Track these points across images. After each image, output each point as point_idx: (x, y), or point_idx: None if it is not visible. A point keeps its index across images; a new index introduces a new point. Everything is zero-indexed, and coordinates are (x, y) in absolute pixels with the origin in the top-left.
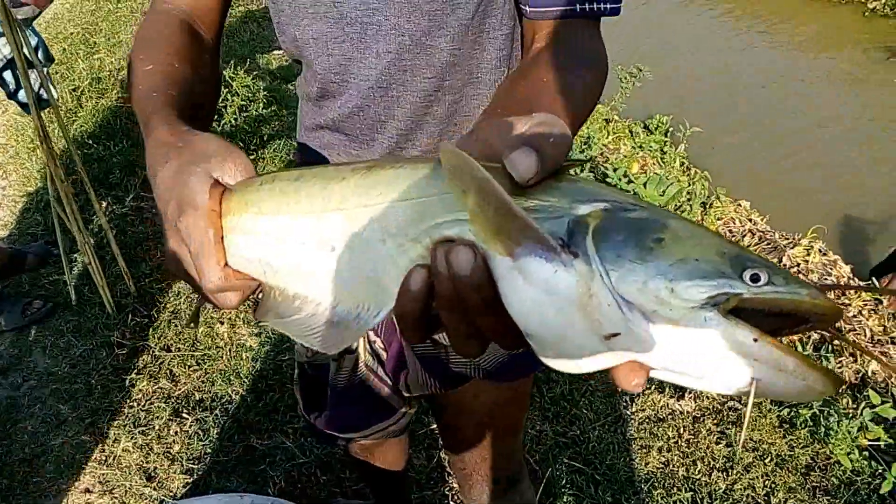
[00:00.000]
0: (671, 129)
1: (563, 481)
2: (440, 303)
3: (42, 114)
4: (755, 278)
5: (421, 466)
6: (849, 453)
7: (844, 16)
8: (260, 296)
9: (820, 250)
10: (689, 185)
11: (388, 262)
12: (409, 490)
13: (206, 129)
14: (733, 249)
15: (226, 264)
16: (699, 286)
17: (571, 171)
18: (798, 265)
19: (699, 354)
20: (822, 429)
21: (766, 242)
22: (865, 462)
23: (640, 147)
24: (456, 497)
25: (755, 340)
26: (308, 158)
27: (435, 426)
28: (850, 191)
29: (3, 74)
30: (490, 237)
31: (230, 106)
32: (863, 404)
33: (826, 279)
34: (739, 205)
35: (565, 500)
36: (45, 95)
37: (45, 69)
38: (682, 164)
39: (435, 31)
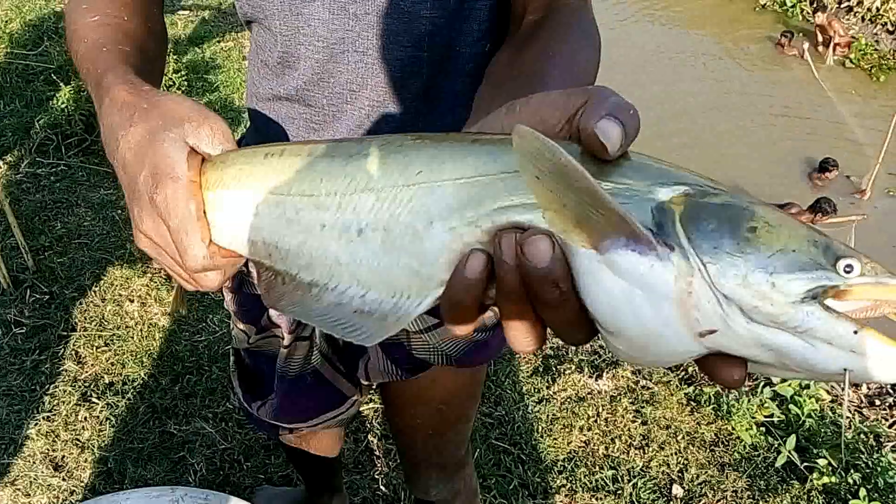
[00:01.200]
0: None
1: (491, 462)
2: (505, 295)
3: None
4: (849, 268)
5: (349, 451)
6: (748, 429)
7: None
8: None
9: None
10: None
11: (435, 248)
12: (340, 475)
13: (158, 87)
14: (822, 238)
15: (210, 241)
16: (799, 279)
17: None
18: None
19: (800, 349)
20: (725, 406)
21: None
22: (762, 437)
23: None
24: (385, 480)
25: (855, 333)
26: (265, 133)
27: (364, 409)
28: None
29: None
30: (570, 227)
31: None
32: (762, 382)
33: None
34: None
35: (494, 480)
36: None
37: None
38: None
39: None
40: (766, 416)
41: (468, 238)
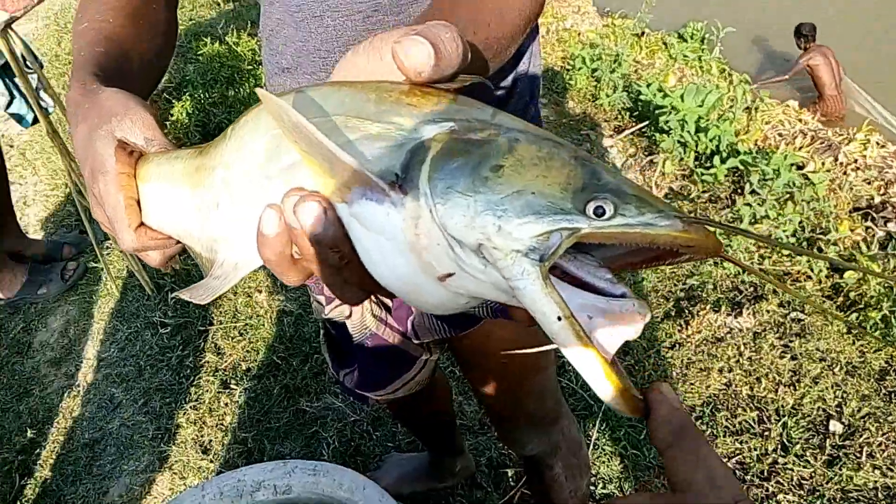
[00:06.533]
0: (707, 34)
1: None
2: (302, 257)
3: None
4: (600, 211)
5: (472, 413)
6: None
7: None
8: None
9: (878, 143)
10: (730, 90)
11: (254, 206)
12: (461, 437)
13: (142, 88)
14: (583, 178)
15: (140, 225)
16: (530, 224)
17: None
18: (856, 161)
19: (528, 304)
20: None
21: (819, 142)
22: None
23: (675, 59)
24: None
25: (559, 319)
26: None
27: None
28: None
29: None
30: (328, 184)
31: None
32: None
33: (887, 173)
34: (787, 105)
35: (623, 431)
36: (43, 99)
37: (35, 74)
38: (720, 70)
39: None
40: None
41: (273, 194)
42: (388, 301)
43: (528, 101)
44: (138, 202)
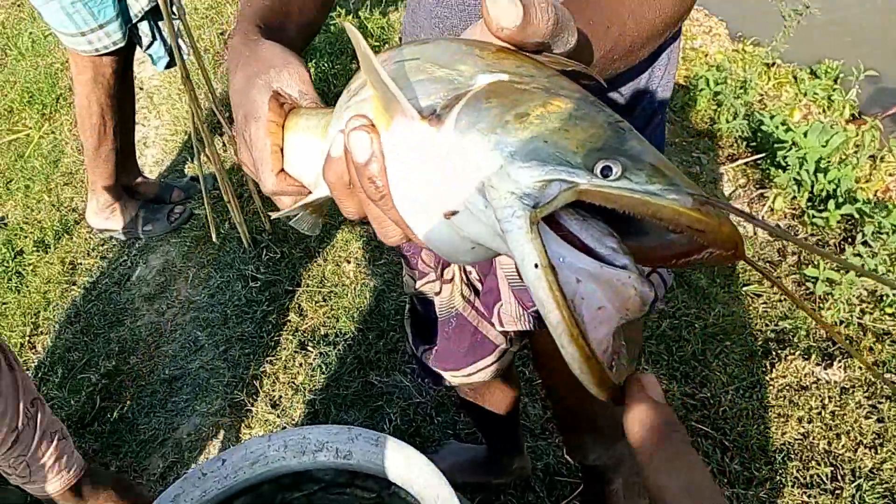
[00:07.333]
0: (842, 74)
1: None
2: (353, 184)
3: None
4: (606, 171)
5: (536, 416)
6: None
7: None
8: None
9: None
10: (857, 135)
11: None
12: (522, 438)
13: (299, 42)
14: (606, 140)
15: (281, 171)
16: (530, 169)
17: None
18: None
19: (507, 251)
20: None
21: None
22: None
23: (804, 94)
24: None
25: (535, 266)
26: None
27: None
28: None
29: (139, 26)
30: (379, 113)
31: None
32: None
33: None
34: None
35: None
36: (181, 46)
37: (178, 21)
38: (851, 113)
39: None
40: None
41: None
42: (477, 284)
43: (657, 108)
44: (282, 150)
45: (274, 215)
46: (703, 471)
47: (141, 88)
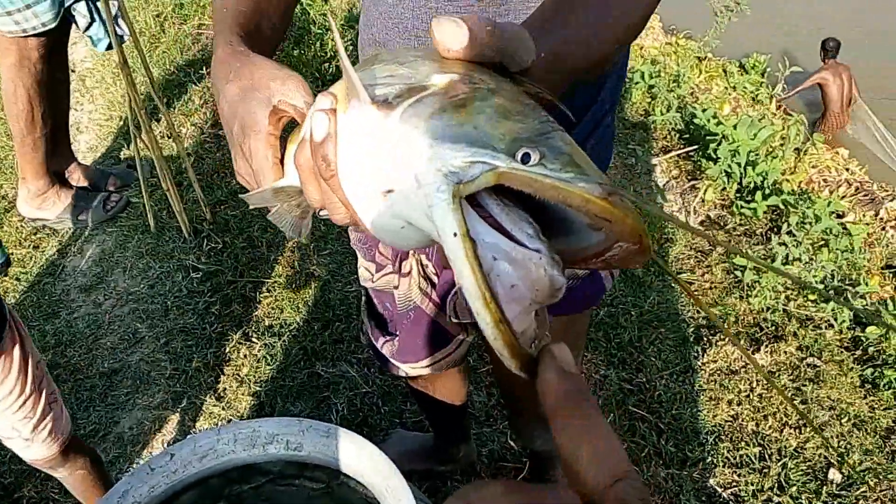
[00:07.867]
0: (769, 69)
1: (626, 428)
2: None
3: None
4: (526, 159)
5: (480, 404)
6: None
7: None
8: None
9: None
10: (784, 129)
11: None
12: (468, 426)
13: (270, 48)
14: (531, 132)
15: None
16: (456, 151)
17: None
18: None
19: (434, 223)
20: None
21: (862, 193)
22: None
23: (734, 88)
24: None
25: (455, 235)
26: None
27: None
28: None
29: (75, 7)
30: (342, 98)
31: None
32: None
33: None
34: (837, 153)
35: (627, 447)
36: (120, 28)
37: (115, 1)
38: (778, 106)
39: None
40: None
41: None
42: (434, 278)
43: (608, 109)
44: (282, 162)
45: (244, 196)
46: (610, 433)
47: (73, 71)
